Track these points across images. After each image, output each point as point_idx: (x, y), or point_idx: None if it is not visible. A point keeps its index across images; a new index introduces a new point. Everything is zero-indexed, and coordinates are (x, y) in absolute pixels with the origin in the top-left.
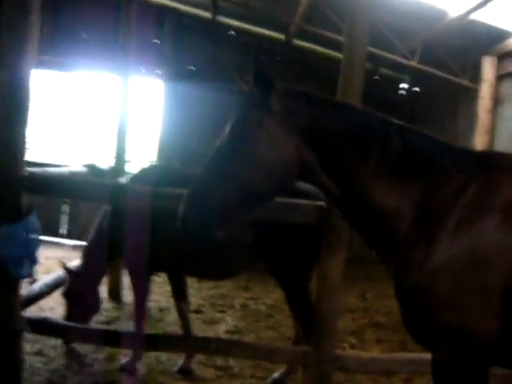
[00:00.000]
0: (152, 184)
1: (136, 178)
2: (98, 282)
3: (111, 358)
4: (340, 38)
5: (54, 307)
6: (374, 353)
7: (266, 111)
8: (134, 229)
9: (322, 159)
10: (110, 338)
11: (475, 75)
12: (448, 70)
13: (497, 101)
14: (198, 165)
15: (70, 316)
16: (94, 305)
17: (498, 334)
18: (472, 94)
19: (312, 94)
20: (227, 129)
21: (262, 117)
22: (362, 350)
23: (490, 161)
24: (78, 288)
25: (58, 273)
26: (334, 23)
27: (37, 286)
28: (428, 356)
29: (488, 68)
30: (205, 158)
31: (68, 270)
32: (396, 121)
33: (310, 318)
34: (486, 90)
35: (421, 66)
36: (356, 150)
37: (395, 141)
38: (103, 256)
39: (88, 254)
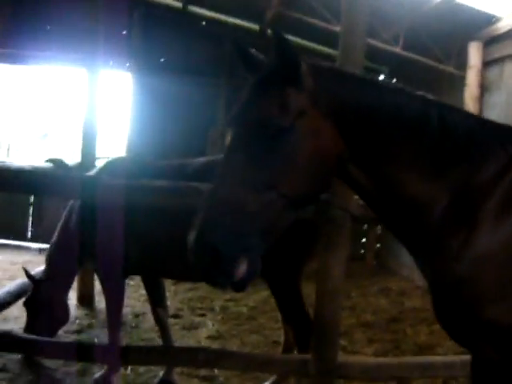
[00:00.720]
0: (122, 177)
1: (103, 171)
2: (65, 289)
3: (84, 372)
4: (323, 26)
5: (19, 317)
6: (379, 358)
7: (303, 93)
8: (106, 227)
9: (352, 147)
10: (83, 352)
11: (460, 62)
12: (432, 56)
13: (484, 88)
14: (169, 159)
15: (30, 328)
16: (62, 316)
17: None
18: (457, 81)
19: (341, 69)
20: (243, 120)
21: (301, 101)
22: (354, 352)
23: None
24: (42, 297)
25: (23, 279)
26: (316, 12)
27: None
28: (436, 359)
29: (474, 54)
30: (177, 154)
31: (31, 277)
32: (434, 98)
33: (302, 322)
34: (472, 77)
35: (405, 53)
36: (392, 134)
37: (435, 122)
38: (71, 259)
39: (53, 258)
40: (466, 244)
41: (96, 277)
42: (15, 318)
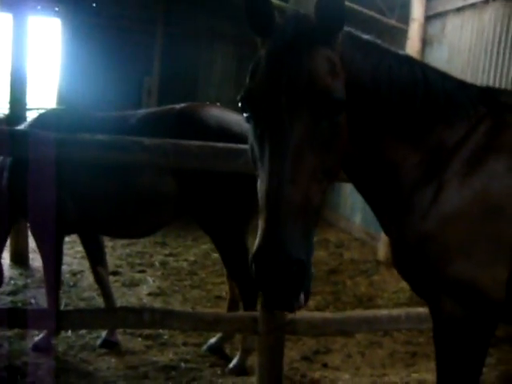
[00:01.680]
0: (55, 129)
1: (35, 124)
2: None
3: (22, 336)
4: None
5: None
6: (326, 313)
7: (337, 56)
8: (40, 184)
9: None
10: (19, 318)
11: (403, 14)
12: (375, 8)
13: (425, 42)
14: (106, 111)
15: None
16: None
17: (507, 286)
18: (398, 34)
19: (359, 35)
20: (289, 97)
21: (340, 64)
22: None
23: (497, 98)
24: None
25: None
26: None
27: None
28: (381, 313)
29: (417, 7)
30: (111, 104)
31: None
32: (415, 58)
33: (248, 278)
34: (414, 31)
35: (347, 3)
36: (386, 98)
37: (421, 86)
38: (2, 218)
39: None
40: (434, 202)
41: (30, 234)
42: None
